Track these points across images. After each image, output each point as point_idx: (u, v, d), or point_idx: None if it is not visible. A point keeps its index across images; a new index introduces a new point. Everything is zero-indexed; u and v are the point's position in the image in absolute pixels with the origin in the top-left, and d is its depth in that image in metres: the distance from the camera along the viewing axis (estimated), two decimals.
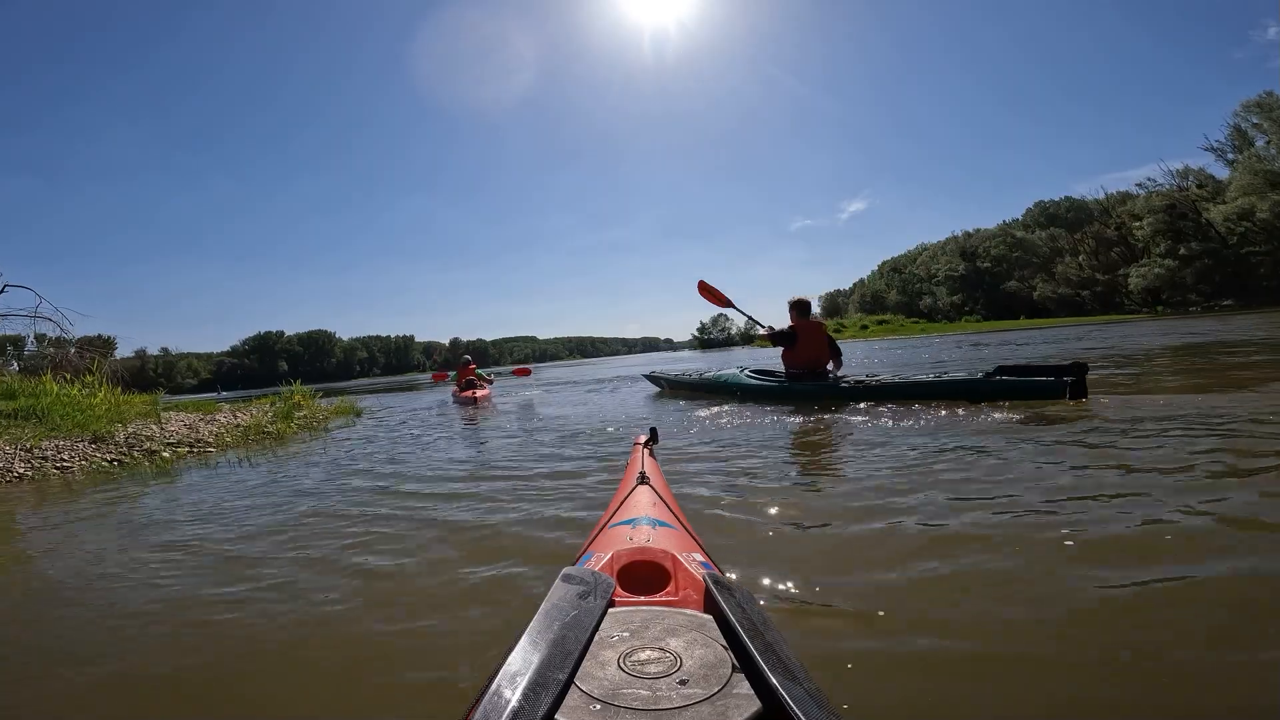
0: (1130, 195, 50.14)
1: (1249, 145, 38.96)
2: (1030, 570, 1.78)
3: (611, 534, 1.23)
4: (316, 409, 8.91)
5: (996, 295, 55.65)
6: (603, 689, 0.66)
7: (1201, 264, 39.62)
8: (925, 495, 2.54)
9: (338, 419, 8.64)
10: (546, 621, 0.76)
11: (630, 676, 0.68)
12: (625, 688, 0.66)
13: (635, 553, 1.06)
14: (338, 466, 4.59)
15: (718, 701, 0.63)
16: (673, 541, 1.14)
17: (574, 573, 0.90)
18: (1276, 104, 36.49)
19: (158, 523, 3.23)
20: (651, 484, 1.59)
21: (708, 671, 0.68)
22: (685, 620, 0.80)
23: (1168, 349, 9.39)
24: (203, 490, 4.05)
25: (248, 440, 6.44)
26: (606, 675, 0.68)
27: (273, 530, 2.89)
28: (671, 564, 1.02)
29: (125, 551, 2.72)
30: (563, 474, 3.58)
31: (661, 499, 1.48)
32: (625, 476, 1.80)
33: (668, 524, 1.27)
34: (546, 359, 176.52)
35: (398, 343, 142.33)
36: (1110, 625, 1.49)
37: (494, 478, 3.65)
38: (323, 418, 8.34)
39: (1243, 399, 4.11)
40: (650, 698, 0.64)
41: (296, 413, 8.13)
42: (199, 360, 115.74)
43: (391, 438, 6.15)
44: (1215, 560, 1.75)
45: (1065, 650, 1.40)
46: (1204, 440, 3.02)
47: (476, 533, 2.56)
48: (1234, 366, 6.29)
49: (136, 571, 2.43)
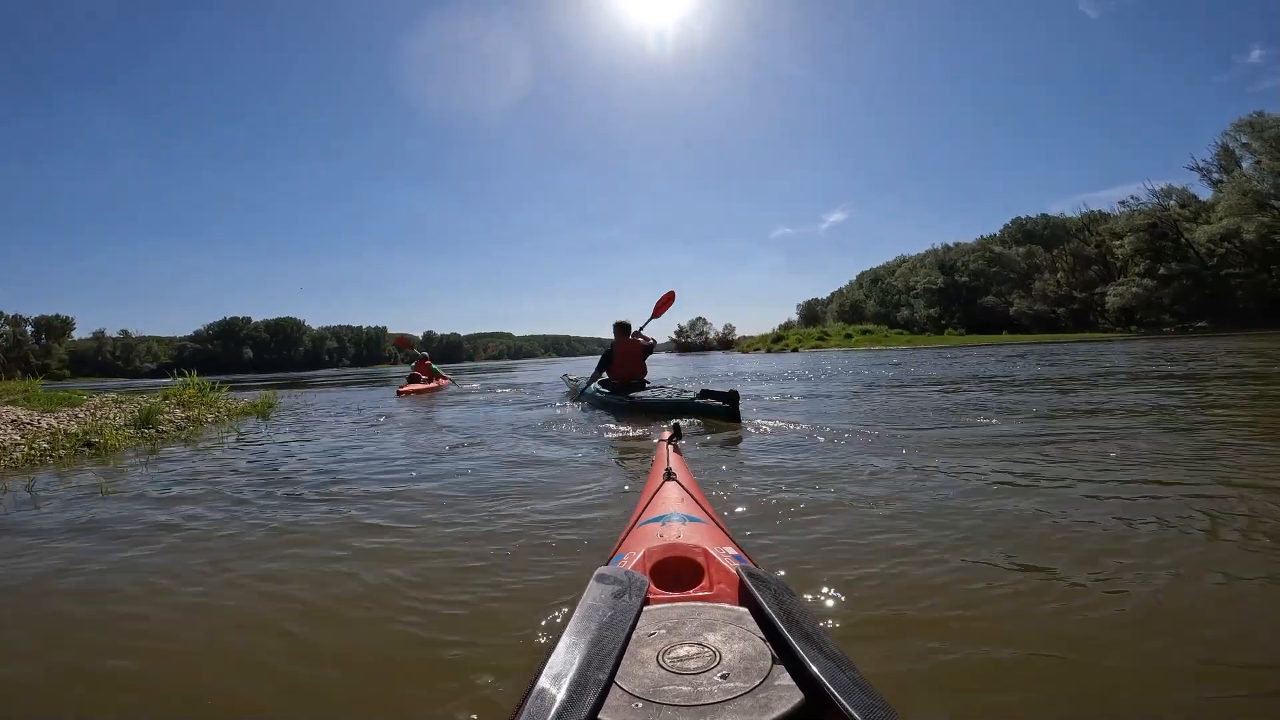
0: (1106, 214, 50.42)
1: (1236, 165, 39.04)
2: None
3: (642, 532, 1.24)
4: (212, 406, 7.27)
5: (973, 310, 55.45)
6: (643, 687, 0.66)
7: (1180, 284, 39.70)
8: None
9: (245, 419, 7.28)
10: (584, 622, 0.76)
11: (670, 673, 0.68)
12: (666, 684, 0.66)
13: (667, 549, 1.06)
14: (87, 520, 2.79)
15: (759, 694, 0.64)
16: (704, 536, 1.15)
17: (607, 572, 0.90)
18: (1268, 124, 36.39)
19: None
20: (678, 479, 1.57)
21: (747, 664, 0.69)
22: (722, 614, 0.80)
23: (1037, 377, 8.76)
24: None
25: (52, 455, 4.38)
26: (646, 673, 0.69)
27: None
28: (704, 558, 1.02)
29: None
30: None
31: (689, 494, 1.48)
32: (651, 474, 1.81)
33: (697, 519, 1.28)
34: (521, 355, 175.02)
35: (369, 334, 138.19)
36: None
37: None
38: (212, 419, 6.65)
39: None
40: (691, 693, 0.64)
41: (178, 411, 6.57)
42: (160, 344, 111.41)
43: (261, 457, 4.41)
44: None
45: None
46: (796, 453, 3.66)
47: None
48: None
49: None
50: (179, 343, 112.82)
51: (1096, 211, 53.03)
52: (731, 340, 79.20)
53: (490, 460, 3.89)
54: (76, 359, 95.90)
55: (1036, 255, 54.31)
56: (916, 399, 6.54)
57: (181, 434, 5.72)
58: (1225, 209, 37.44)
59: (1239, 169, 38.70)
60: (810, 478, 2.99)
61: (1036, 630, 1.44)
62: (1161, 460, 3.04)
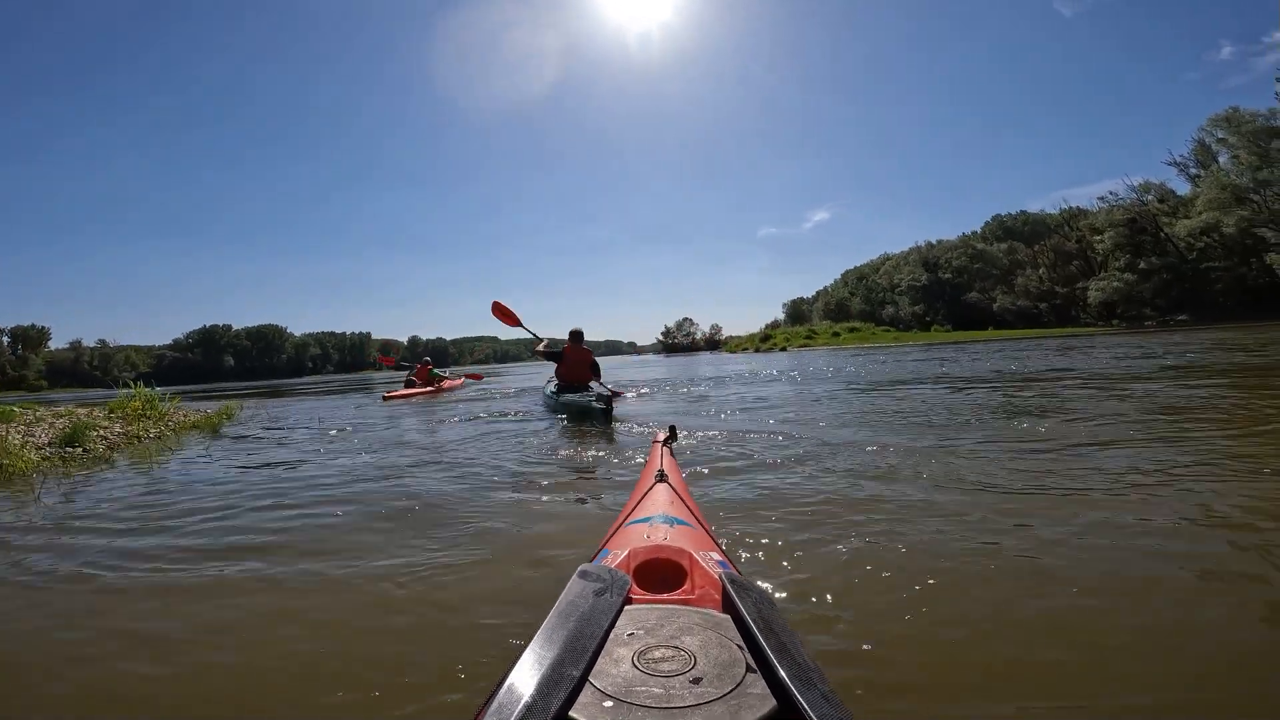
0: (1085, 210, 50.77)
1: (1213, 160, 39.40)
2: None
3: (629, 531, 1.23)
4: (160, 420, 6.80)
5: (957, 306, 55.67)
6: (616, 686, 0.65)
7: (1160, 278, 39.99)
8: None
9: (194, 433, 6.86)
10: (562, 618, 0.75)
11: (644, 674, 0.67)
12: (639, 685, 0.65)
13: (652, 550, 1.05)
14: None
15: (732, 700, 0.63)
16: (690, 540, 1.13)
17: (591, 569, 0.89)
18: (1244, 119, 36.73)
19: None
20: (670, 482, 1.57)
21: (722, 670, 0.68)
22: (701, 619, 0.79)
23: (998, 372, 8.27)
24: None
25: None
26: (621, 672, 0.68)
27: None
28: (688, 562, 1.01)
29: None
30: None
31: (679, 497, 1.47)
32: (644, 474, 1.78)
33: (685, 522, 1.27)
34: (509, 360, 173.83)
35: (353, 340, 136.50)
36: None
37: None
38: (155, 435, 6.09)
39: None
40: (664, 695, 0.64)
41: (118, 428, 6.06)
42: (138, 353, 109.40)
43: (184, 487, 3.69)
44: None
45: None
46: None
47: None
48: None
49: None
50: (158, 351, 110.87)
51: (1075, 208, 53.45)
52: (719, 340, 79.02)
53: (456, 467, 3.73)
54: (54, 369, 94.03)
55: (1018, 251, 54.62)
56: (932, 404, 6.12)
57: (112, 454, 5.23)
58: (1205, 203, 37.79)
59: (1216, 164, 39.08)
60: (800, 487, 2.89)
61: (1032, 636, 1.44)
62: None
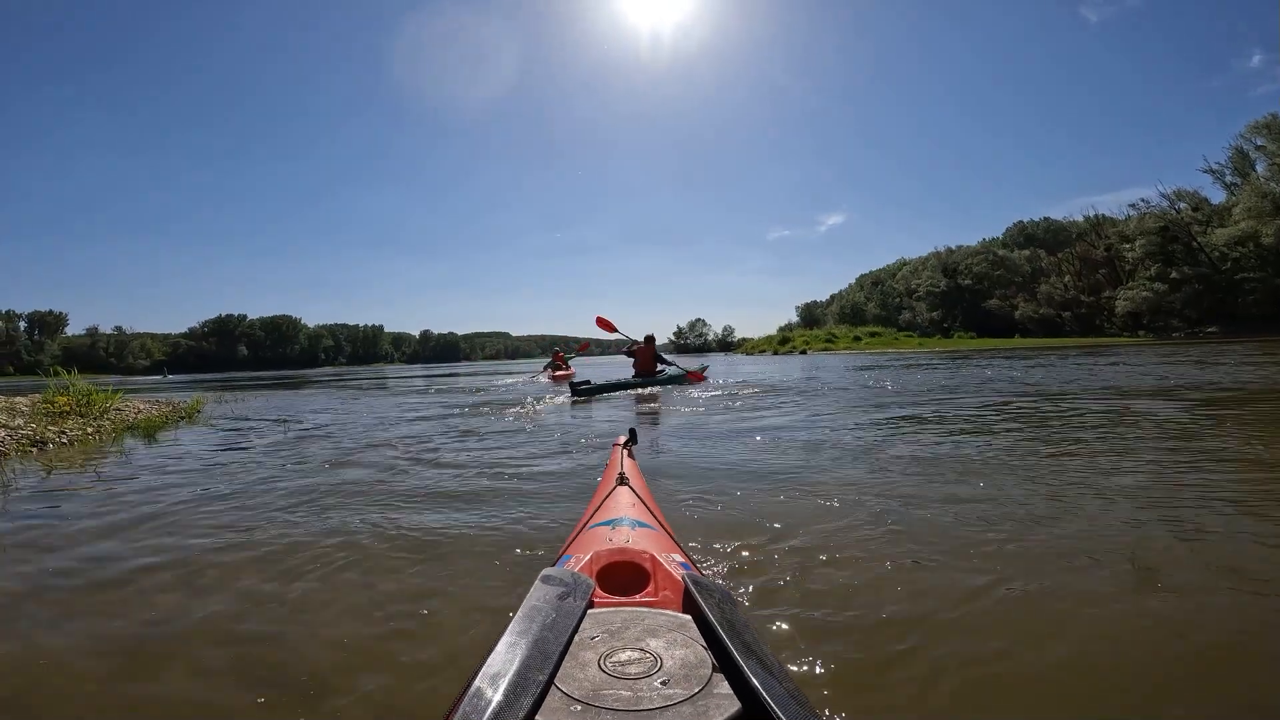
0: (1110, 218, 49.45)
1: (1251, 169, 38.02)
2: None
3: (591, 535, 1.22)
4: (94, 418, 5.98)
5: (977, 313, 54.31)
6: (583, 690, 0.65)
7: (1191, 288, 38.64)
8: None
9: (133, 435, 6.16)
10: (526, 623, 0.75)
11: (611, 677, 0.67)
12: (606, 688, 0.66)
13: (615, 553, 1.05)
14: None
15: (698, 701, 0.63)
16: (652, 542, 1.13)
17: (553, 574, 0.89)
18: None
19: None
20: (631, 485, 1.57)
21: (688, 672, 0.68)
22: (665, 621, 0.79)
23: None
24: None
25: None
26: (587, 676, 0.68)
27: None
28: (651, 565, 1.01)
29: None
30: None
31: (641, 500, 1.47)
32: (604, 477, 1.79)
33: (648, 525, 1.27)
34: (519, 356, 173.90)
35: (366, 332, 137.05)
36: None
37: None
38: (73, 438, 5.16)
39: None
40: (631, 698, 0.64)
41: (30, 429, 5.23)
42: (154, 341, 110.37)
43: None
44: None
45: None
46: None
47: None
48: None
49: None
50: (174, 339, 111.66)
51: (1101, 215, 52.04)
52: (731, 342, 78.10)
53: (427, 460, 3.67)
54: (70, 355, 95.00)
55: (1040, 258, 53.27)
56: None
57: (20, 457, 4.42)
58: (1243, 212, 36.42)
59: (1254, 172, 37.70)
60: (764, 488, 2.85)
61: (1007, 635, 1.42)
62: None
